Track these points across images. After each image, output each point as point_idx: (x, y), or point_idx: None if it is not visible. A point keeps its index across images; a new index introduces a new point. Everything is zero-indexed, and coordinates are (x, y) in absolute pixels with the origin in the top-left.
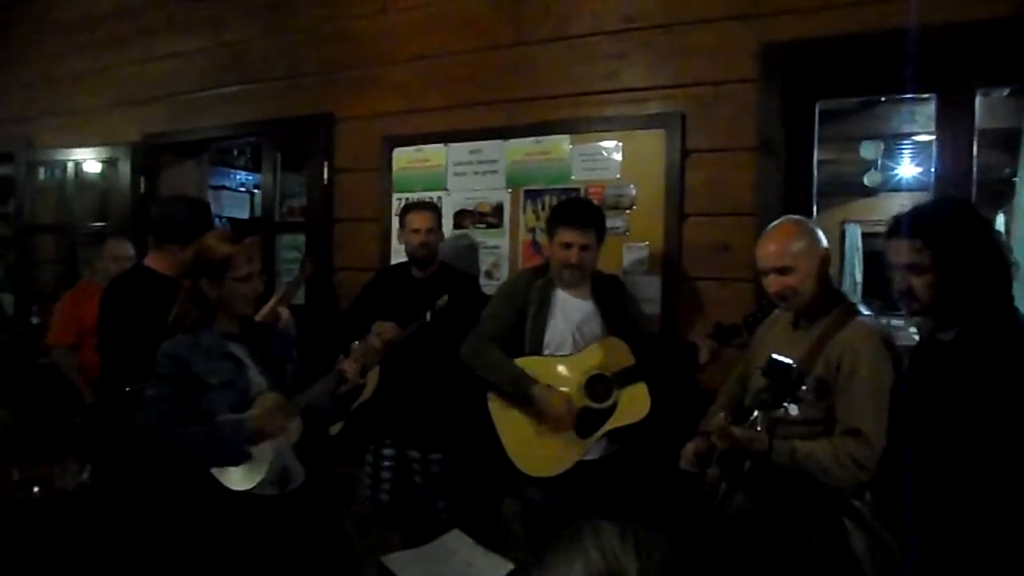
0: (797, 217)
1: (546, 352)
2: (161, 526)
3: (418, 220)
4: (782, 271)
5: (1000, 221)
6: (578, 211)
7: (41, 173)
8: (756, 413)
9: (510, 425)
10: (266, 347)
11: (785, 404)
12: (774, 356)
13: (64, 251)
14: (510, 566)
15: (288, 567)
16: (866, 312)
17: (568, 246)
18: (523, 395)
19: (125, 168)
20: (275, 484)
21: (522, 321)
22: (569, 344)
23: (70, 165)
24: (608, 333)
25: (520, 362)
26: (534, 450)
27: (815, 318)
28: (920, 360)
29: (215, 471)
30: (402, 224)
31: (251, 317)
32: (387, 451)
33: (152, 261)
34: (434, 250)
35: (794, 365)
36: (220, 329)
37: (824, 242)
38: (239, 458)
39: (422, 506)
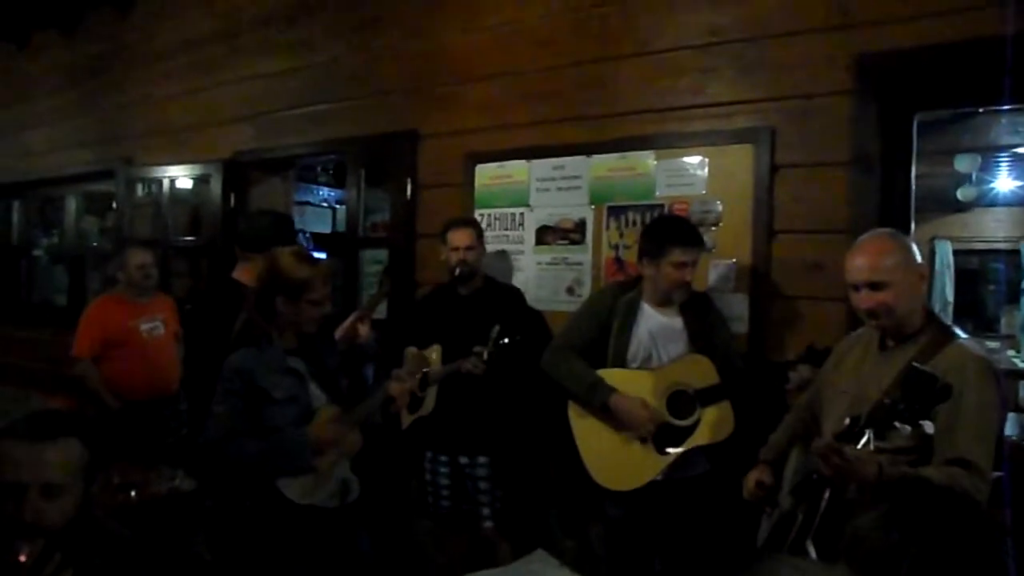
0: (891, 230)
1: (629, 368)
2: (232, 536)
3: (457, 237)
4: (875, 287)
5: None
6: (689, 230)
7: (139, 189)
8: (868, 434)
9: (588, 436)
10: (322, 361)
11: (921, 421)
12: (915, 365)
13: (159, 263)
14: None
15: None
16: (964, 335)
17: (683, 265)
18: (601, 404)
19: (216, 184)
20: (335, 497)
21: (605, 335)
22: (653, 361)
23: (165, 181)
24: (693, 351)
25: (601, 373)
26: (611, 463)
27: (906, 339)
28: None
29: (280, 484)
30: (443, 240)
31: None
32: (443, 457)
33: (238, 273)
34: (475, 267)
35: (939, 376)
36: (282, 344)
37: (920, 257)
38: (303, 469)
39: (470, 510)
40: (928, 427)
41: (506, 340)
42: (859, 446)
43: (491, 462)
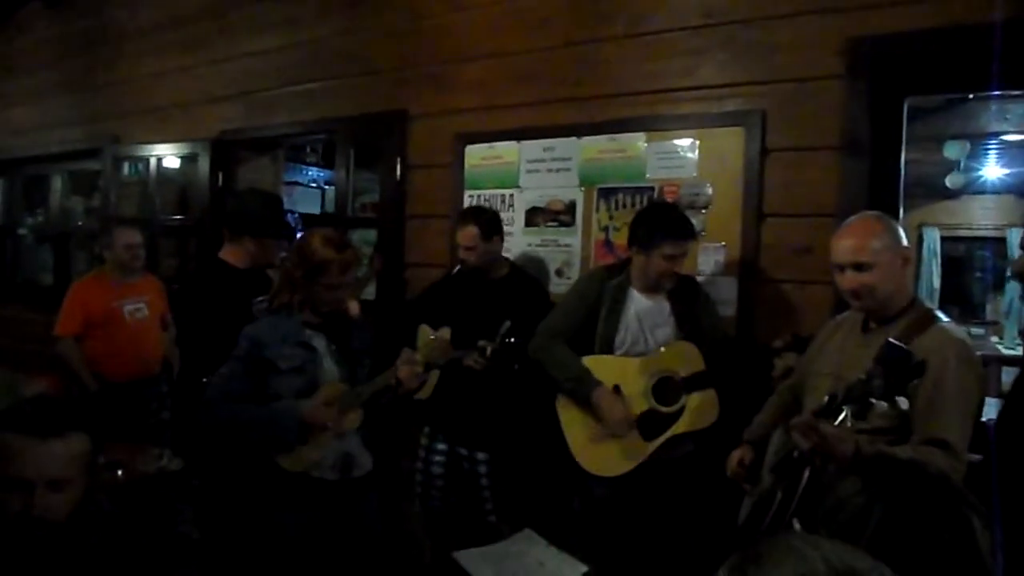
0: (878, 212)
1: (617, 353)
2: (223, 505)
3: (460, 236)
4: (860, 268)
5: None
6: (681, 223)
7: (125, 168)
8: (846, 410)
9: (575, 422)
10: (346, 339)
11: (897, 397)
12: (891, 340)
13: (146, 243)
14: (583, 568)
15: (345, 550)
16: (946, 319)
17: (672, 258)
18: (584, 397)
19: (204, 163)
20: (335, 469)
21: (593, 319)
22: (640, 345)
23: (152, 160)
24: (681, 336)
25: (588, 360)
26: (597, 449)
27: (888, 321)
28: None
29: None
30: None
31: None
32: (440, 446)
33: (226, 254)
34: (477, 264)
35: (913, 352)
36: (303, 317)
37: (905, 241)
38: (287, 442)
39: (469, 505)
40: (903, 403)
41: (512, 340)
42: (836, 423)
43: (491, 458)
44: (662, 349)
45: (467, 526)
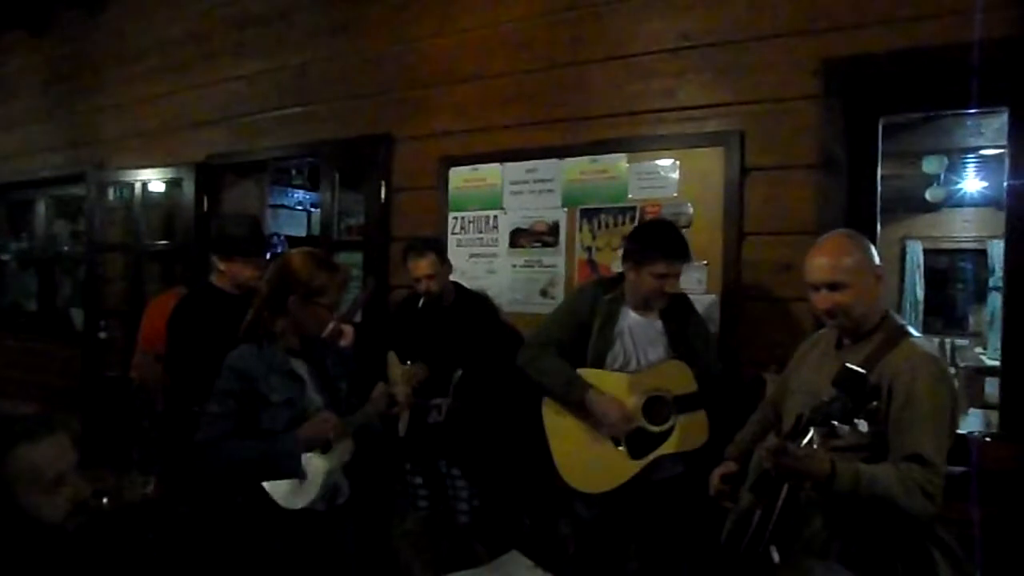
0: (850, 231)
1: (609, 369)
2: (215, 538)
3: (418, 267)
4: (833, 287)
5: None
6: (675, 242)
7: (110, 193)
8: (812, 431)
9: (561, 436)
10: (323, 364)
11: (856, 420)
12: (848, 365)
13: (131, 268)
14: None
15: None
16: (917, 334)
17: (662, 276)
18: (577, 401)
19: (189, 187)
20: (324, 500)
21: (584, 335)
22: (632, 363)
23: (137, 185)
24: (674, 355)
25: (578, 373)
26: (583, 464)
27: (861, 338)
28: None
29: (269, 490)
30: (404, 263)
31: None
32: (418, 479)
33: (216, 279)
34: (439, 292)
35: (869, 375)
36: (284, 344)
37: (877, 258)
38: (293, 473)
39: (445, 515)
40: (863, 426)
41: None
42: (803, 444)
43: (465, 474)
44: (654, 367)
45: (443, 535)
